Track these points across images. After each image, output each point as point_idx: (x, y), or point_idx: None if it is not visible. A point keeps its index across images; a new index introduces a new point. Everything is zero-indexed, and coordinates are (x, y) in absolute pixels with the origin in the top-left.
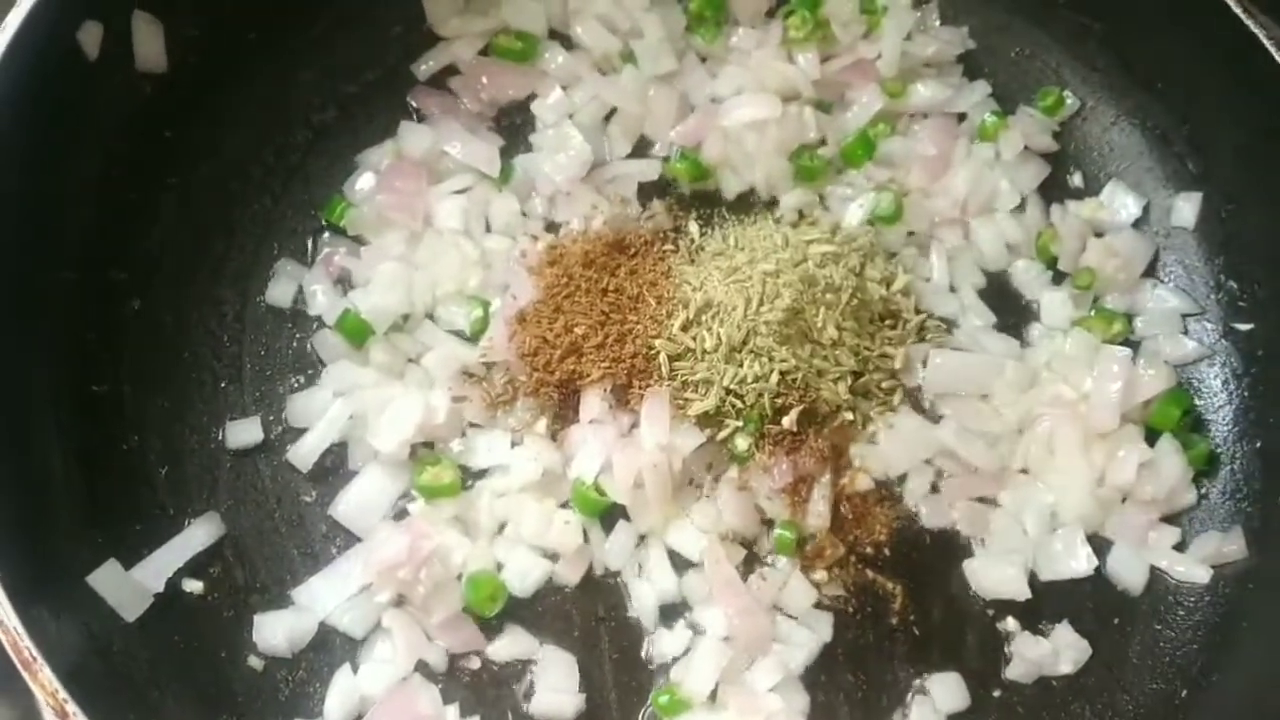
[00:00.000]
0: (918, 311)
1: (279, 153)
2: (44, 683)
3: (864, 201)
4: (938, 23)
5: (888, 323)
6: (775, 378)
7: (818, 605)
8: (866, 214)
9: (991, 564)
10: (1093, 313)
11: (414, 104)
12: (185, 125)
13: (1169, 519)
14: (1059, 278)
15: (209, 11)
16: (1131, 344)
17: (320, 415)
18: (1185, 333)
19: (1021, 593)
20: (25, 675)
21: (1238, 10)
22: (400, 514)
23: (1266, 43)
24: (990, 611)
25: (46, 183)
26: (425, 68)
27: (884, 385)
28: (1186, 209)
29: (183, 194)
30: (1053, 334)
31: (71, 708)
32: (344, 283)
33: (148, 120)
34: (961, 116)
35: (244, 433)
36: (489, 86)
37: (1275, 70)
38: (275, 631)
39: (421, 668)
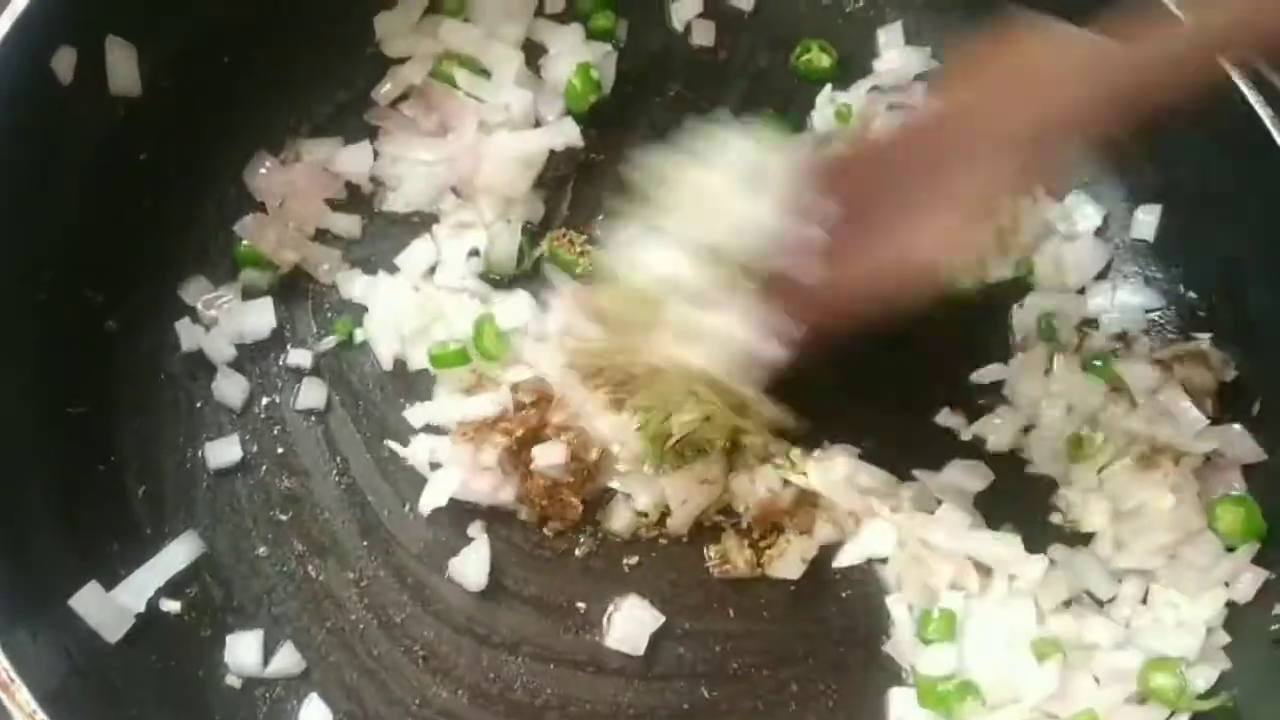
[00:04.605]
0: None
1: None
2: (21, 704)
3: None
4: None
5: None
6: None
7: None
8: None
9: None
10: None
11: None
12: (160, 147)
13: None
14: None
15: (183, 36)
16: None
17: None
18: None
19: None
20: (3, 697)
21: None
22: None
23: (1223, 60)
24: None
25: (20, 204)
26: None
27: None
28: (1146, 221)
29: (157, 215)
30: None
31: None
32: None
33: (122, 143)
34: None
35: (222, 452)
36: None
37: (1231, 86)
38: (252, 649)
39: None
